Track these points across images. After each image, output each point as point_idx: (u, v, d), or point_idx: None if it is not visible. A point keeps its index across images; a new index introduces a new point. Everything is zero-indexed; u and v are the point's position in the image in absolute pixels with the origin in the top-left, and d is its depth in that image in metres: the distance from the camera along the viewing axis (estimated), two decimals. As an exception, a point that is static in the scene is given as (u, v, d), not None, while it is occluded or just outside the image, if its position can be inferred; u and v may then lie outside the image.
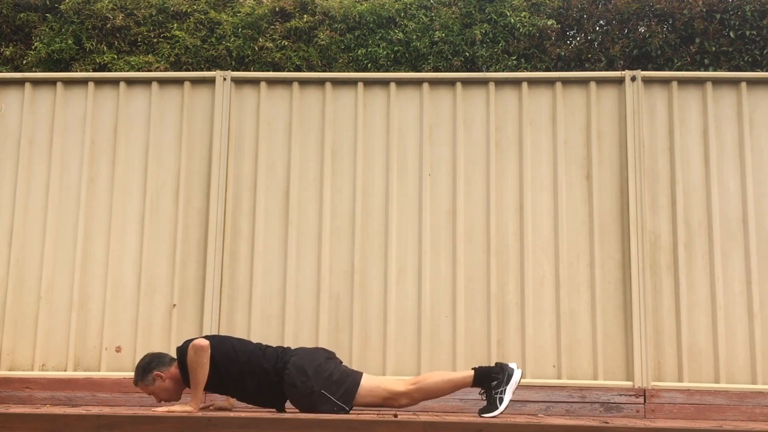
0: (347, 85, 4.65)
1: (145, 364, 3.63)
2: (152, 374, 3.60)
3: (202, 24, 6.75)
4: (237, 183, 4.54)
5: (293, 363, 3.53)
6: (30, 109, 4.66)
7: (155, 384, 3.60)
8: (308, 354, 3.62)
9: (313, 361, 3.56)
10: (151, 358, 3.67)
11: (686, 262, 4.36)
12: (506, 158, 4.54)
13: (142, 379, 3.61)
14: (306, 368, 3.51)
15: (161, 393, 3.63)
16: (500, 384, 3.57)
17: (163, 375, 3.60)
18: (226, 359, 3.52)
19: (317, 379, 3.49)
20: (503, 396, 3.54)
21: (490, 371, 3.60)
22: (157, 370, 3.60)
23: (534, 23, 6.51)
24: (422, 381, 3.61)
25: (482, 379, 3.59)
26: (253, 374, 3.53)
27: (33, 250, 4.51)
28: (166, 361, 3.65)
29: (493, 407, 3.52)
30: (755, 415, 4.13)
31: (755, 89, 4.53)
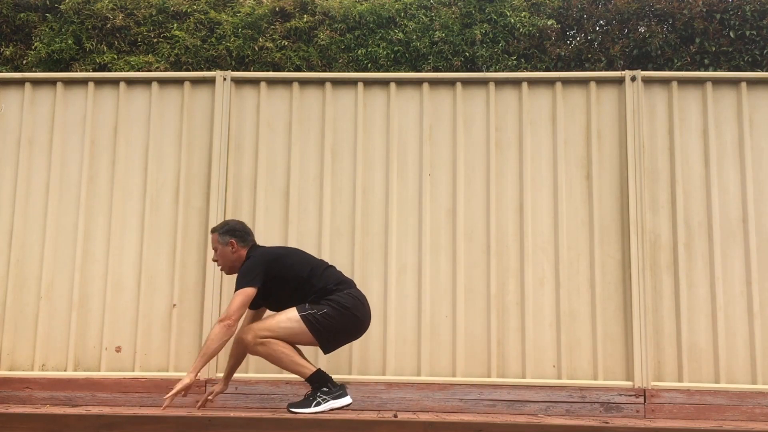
0: (347, 85, 4.65)
1: (232, 227, 3.88)
2: (230, 238, 3.83)
3: (202, 24, 6.75)
4: (237, 183, 4.54)
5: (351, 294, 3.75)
6: (30, 109, 4.66)
7: (226, 247, 3.84)
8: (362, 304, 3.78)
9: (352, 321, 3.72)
10: (242, 227, 3.90)
11: (686, 262, 4.36)
12: (506, 158, 4.54)
13: (221, 234, 3.86)
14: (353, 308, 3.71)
15: (222, 257, 3.87)
16: (329, 393, 3.62)
17: (236, 247, 3.83)
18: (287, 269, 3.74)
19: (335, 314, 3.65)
20: (322, 404, 3.58)
21: (329, 380, 3.66)
22: (235, 240, 3.82)
23: (534, 23, 6.51)
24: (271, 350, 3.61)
25: (318, 380, 3.63)
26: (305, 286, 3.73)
27: (33, 250, 4.51)
28: (247, 240, 3.88)
29: (306, 405, 3.57)
30: (755, 415, 4.13)
31: (755, 89, 4.53)
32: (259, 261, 3.74)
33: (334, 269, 3.89)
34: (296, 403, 3.63)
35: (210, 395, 3.91)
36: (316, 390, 3.63)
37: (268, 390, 4.23)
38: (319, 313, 3.64)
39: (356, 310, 3.73)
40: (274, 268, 3.72)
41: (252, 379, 4.29)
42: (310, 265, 3.80)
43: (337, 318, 3.66)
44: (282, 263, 3.75)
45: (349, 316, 3.70)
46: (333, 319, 3.65)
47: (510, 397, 4.23)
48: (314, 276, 3.75)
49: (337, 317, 3.66)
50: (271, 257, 3.78)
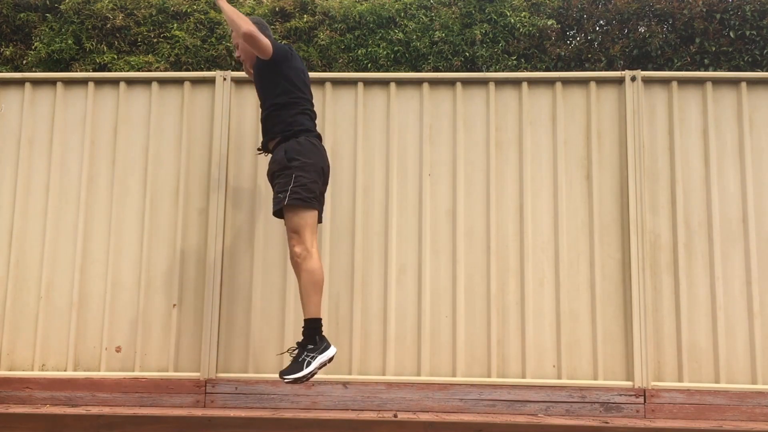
0: (347, 85, 4.65)
1: (260, 19, 4.08)
2: (254, 28, 3.86)
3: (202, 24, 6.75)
4: (237, 183, 4.54)
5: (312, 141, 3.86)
6: (30, 109, 4.66)
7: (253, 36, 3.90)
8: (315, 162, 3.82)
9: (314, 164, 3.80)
10: (259, 21, 4.05)
11: (686, 262, 4.36)
12: (506, 158, 4.54)
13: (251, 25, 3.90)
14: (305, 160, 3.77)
15: (243, 51, 4.05)
16: (315, 350, 3.61)
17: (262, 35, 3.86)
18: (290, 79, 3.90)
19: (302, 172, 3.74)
20: (312, 362, 3.58)
21: (319, 333, 3.66)
22: (257, 29, 3.85)
23: (534, 23, 6.51)
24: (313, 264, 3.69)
25: (312, 327, 3.64)
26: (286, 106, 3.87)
27: (33, 250, 4.51)
28: (266, 33, 3.96)
29: (298, 369, 3.56)
30: (755, 415, 4.13)
31: (755, 89, 4.53)
32: (289, 46, 3.95)
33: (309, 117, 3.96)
34: (287, 369, 3.60)
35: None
36: (302, 348, 3.62)
37: (268, 390, 4.23)
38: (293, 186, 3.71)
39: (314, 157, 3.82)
40: (292, 63, 3.91)
41: (252, 379, 4.29)
42: (305, 94, 3.96)
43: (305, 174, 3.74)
44: (299, 66, 3.97)
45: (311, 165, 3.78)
46: (303, 177, 3.73)
47: (510, 397, 4.23)
48: (294, 108, 3.88)
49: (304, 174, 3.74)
50: (297, 56, 4.00)
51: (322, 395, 4.24)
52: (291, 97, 3.90)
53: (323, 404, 4.22)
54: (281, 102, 3.89)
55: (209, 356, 4.31)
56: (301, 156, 3.78)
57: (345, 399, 4.22)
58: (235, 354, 4.36)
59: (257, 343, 4.35)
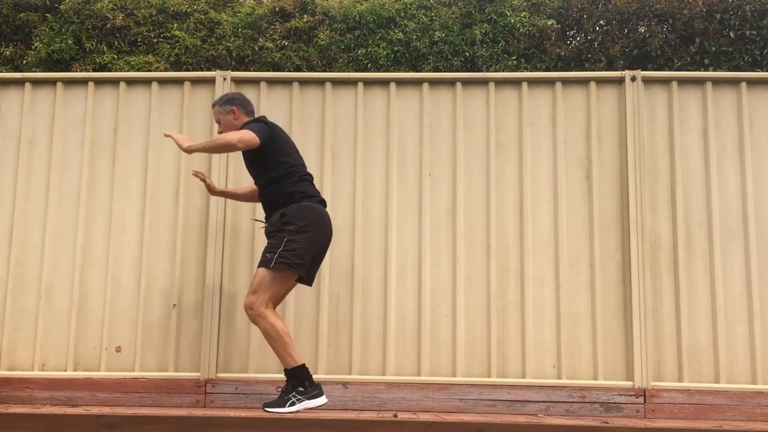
0: (347, 85, 4.65)
1: (231, 96, 4.03)
2: (231, 107, 3.97)
3: (202, 24, 6.74)
4: (237, 183, 4.54)
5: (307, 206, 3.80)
6: (30, 109, 4.66)
7: (227, 115, 3.97)
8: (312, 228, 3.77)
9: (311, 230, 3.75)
10: (240, 96, 4.05)
11: (686, 262, 4.36)
12: (506, 158, 4.54)
13: (222, 104, 3.99)
14: (302, 225, 3.73)
15: (225, 127, 3.97)
16: (303, 394, 3.61)
17: (237, 114, 3.97)
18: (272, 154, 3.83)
19: (295, 236, 3.69)
20: (297, 404, 3.58)
21: (307, 378, 3.64)
22: (235, 107, 3.96)
23: (534, 23, 6.51)
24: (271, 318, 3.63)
25: (296, 376, 3.62)
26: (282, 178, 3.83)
27: (33, 250, 4.51)
28: (248, 108, 4.02)
29: (281, 405, 3.56)
30: (755, 415, 4.14)
31: (755, 89, 4.53)
32: (265, 121, 3.88)
33: (308, 182, 3.93)
34: (271, 402, 3.63)
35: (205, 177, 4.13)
36: (291, 389, 3.61)
37: (268, 390, 4.23)
38: (283, 249, 3.66)
39: (312, 225, 3.76)
40: (276, 134, 3.85)
41: (252, 379, 4.29)
42: (298, 161, 3.92)
43: (298, 240, 3.69)
44: (283, 136, 3.91)
45: (306, 233, 3.72)
46: (295, 242, 3.68)
47: (510, 397, 4.23)
48: (289, 178, 3.82)
49: (297, 239, 3.69)
50: (276, 125, 3.93)
51: (322, 395, 4.23)
52: (285, 168, 3.84)
53: (323, 404, 4.21)
54: (276, 176, 3.83)
55: (209, 356, 4.31)
56: (297, 220, 3.72)
57: (345, 399, 4.22)
58: (235, 354, 4.37)
59: (257, 343, 4.35)
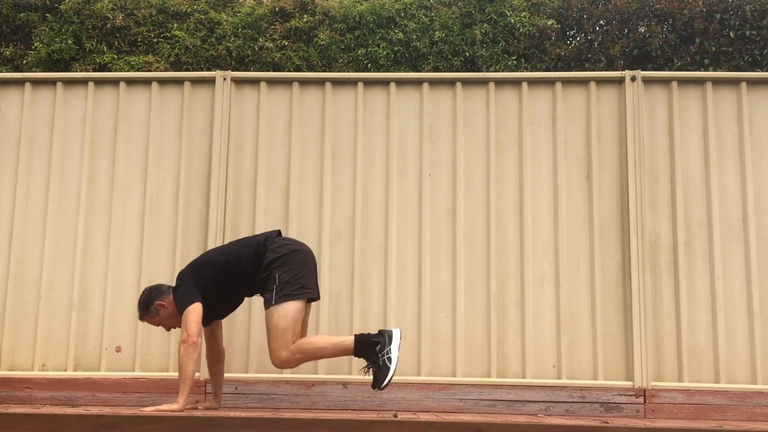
0: (347, 85, 4.65)
1: (145, 298, 3.73)
2: (154, 305, 3.70)
3: (202, 24, 6.75)
4: (237, 183, 4.54)
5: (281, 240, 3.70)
6: (30, 109, 4.66)
7: (160, 314, 3.72)
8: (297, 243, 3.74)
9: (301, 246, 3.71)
10: (149, 291, 3.77)
11: (686, 262, 4.36)
12: (506, 158, 4.54)
13: (146, 313, 3.71)
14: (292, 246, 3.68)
15: (167, 321, 3.74)
16: (384, 346, 3.56)
17: (164, 303, 3.70)
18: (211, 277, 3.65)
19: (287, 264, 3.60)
20: (390, 356, 3.53)
21: (370, 336, 3.60)
22: (158, 300, 3.70)
23: (534, 23, 6.51)
24: (305, 347, 3.57)
25: (365, 345, 3.58)
26: (237, 268, 3.65)
27: (33, 250, 4.51)
28: (164, 290, 3.74)
29: (385, 369, 3.51)
30: (755, 415, 4.13)
31: (755, 89, 4.53)
32: (184, 281, 3.67)
33: (249, 237, 3.84)
34: (374, 381, 3.55)
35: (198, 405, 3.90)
36: (372, 355, 3.56)
37: (268, 390, 4.23)
38: (278, 285, 3.57)
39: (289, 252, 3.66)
40: (199, 274, 3.65)
41: (252, 379, 4.29)
42: (226, 251, 3.76)
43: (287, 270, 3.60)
44: (204, 265, 3.70)
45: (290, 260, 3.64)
46: (286, 273, 3.59)
47: (510, 397, 4.22)
48: (239, 253, 3.69)
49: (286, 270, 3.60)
50: (192, 269, 3.72)
51: (321, 395, 4.24)
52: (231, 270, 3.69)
53: (323, 404, 4.22)
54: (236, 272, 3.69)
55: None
56: (275, 255, 3.63)
57: (345, 399, 4.22)
58: (235, 354, 4.36)
59: (257, 343, 4.35)
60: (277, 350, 3.55)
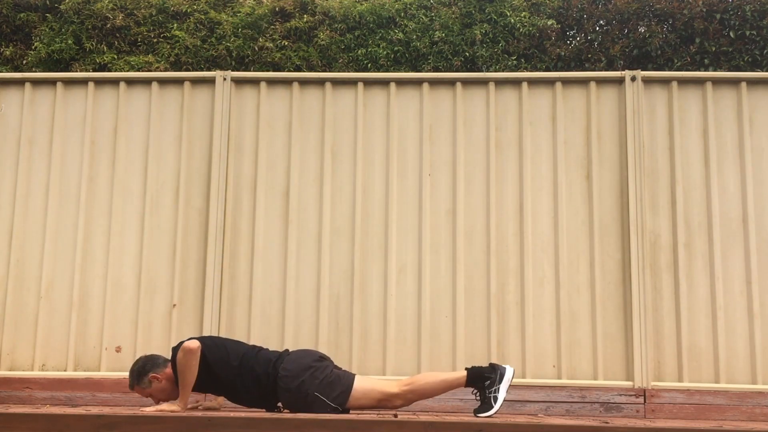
0: (347, 85, 4.65)
1: (139, 368, 3.60)
2: (147, 377, 3.58)
3: (202, 24, 6.75)
4: (237, 183, 4.54)
5: (285, 368, 3.49)
6: (30, 109, 4.66)
7: (152, 386, 3.58)
8: (300, 357, 3.58)
9: (305, 364, 3.52)
10: (144, 361, 3.63)
11: (686, 262, 4.36)
12: (506, 158, 4.54)
13: (138, 383, 3.60)
14: (299, 372, 3.49)
15: (159, 394, 3.61)
16: (493, 383, 3.56)
17: (159, 376, 3.58)
18: (219, 362, 3.51)
19: (311, 382, 3.47)
20: (497, 395, 3.53)
21: (482, 371, 3.59)
22: (152, 372, 3.58)
23: (534, 23, 6.51)
24: (416, 382, 3.60)
25: (475, 380, 3.59)
26: (244, 378, 3.51)
27: (33, 249, 4.51)
28: (159, 362, 3.62)
29: (488, 406, 3.52)
30: (755, 415, 4.13)
31: (755, 89, 4.53)
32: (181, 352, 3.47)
33: (266, 351, 3.64)
34: (479, 407, 3.54)
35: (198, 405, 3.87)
36: (483, 389, 3.56)
37: (268, 390, 4.23)
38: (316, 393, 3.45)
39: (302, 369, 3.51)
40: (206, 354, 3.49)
41: (252, 379, 4.28)
42: (241, 350, 3.59)
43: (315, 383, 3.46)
44: (214, 345, 3.55)
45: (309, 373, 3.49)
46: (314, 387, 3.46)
47: (510, 397, 4.19)
48: (249, 359, 3.52)
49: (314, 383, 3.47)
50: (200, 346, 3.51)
51: (322, 395, 4.23)
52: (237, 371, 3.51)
53: (323, 404, 4.21)
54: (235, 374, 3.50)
55: (209, 356, 4.30)
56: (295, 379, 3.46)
57: (345, 399, 4.22)
58: (235, 354, 4.36)
59: (257, 343, 4.34)
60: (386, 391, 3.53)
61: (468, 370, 3.61)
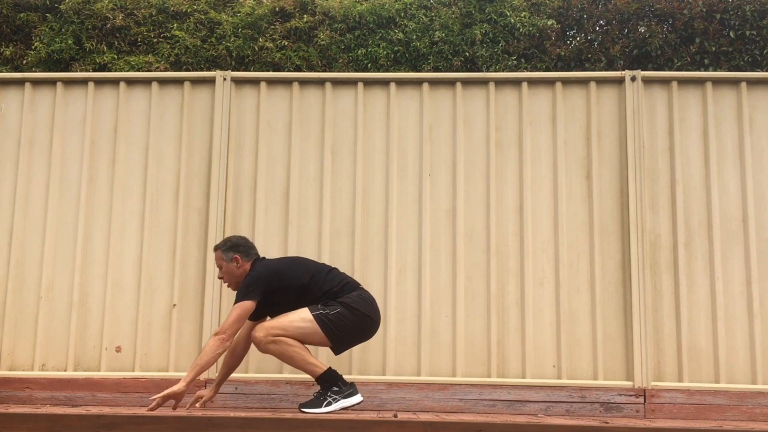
0: (347, 85, 4.65)
1: (234, 243, 3.88)
2: (235, 254, 3.85)
3: (202, 24, 6.75)
4: (237, 183, 4.54)
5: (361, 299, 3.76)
6: (30, 109, 4.66)
7: (230, 263, 3.85)
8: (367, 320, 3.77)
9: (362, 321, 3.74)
10: (244, 242, 3.91)
11: (686, 262, 4.36)
12: (506, 158, 4.54)
13: (225, 251, 3.86)
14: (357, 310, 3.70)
15: (227, 274, 3.87)
16: (339, 393, 3.63)
17: (240, 262, 3.84)
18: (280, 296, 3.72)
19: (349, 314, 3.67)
20: (333, 404, 3.60)
21: (339, 378, 3.68)
22: (239, 255, 3.84)
23: (534, 23, 6.51)
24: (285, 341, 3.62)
25: (328, 379, 3.65)
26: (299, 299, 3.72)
27: (33, 250, 4.51)
28: (251, 254, 3.89)
29: (317, 406, 3.58)
30: (755, 415, 4.13)
31: (755, 89, 4.53)
32: (261, 275, 3.74)
33: (337, 271, 3.90)
34: (307, 402, 3.64)
35: (198, 401, 3.90)
36: (326, 389, 3.62)
37: (267, 390, 4.23)
38: (332, 313, 3.66)
39: (367, 311, 3.76)
40: (275, 281, 3.73)
41: (252, 379, 4.29)
42: (311, 271, 3.80)
43: (349, 318, 3.68)
44: (283, 275, 3.76)
45: (361, 316, 3.73)
46: (346, 318, 3.68)
47: (510, 397, 4.23)
48: (316, 281, 3.76)
49: (349, 317, 3.68)
50: (273, 271, 3.77)
51: (322, 395, 4.23)
52: (302, 291, 3.75)
53: (323, 404, 4.21)
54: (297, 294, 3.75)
55: (209, 356, 4.30)
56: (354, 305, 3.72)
57: (345, 399, 4.22)
58: (235, 354, 4.36)
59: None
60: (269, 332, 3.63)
61: (329, 369, 3.67)
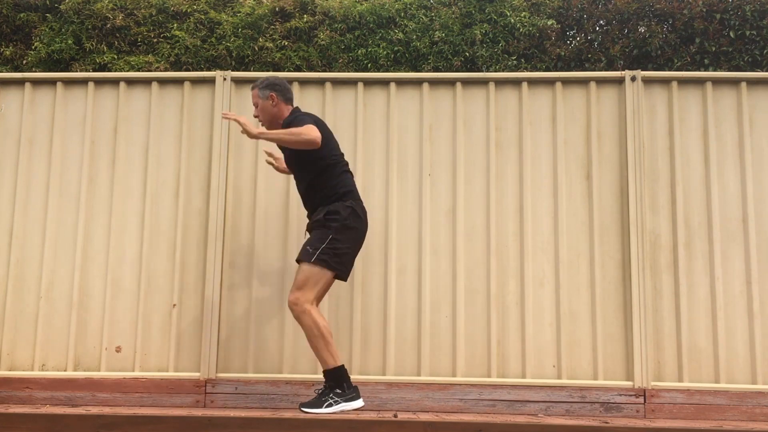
0: (347, 85, 4.65)
1: (272, 81, 3.93)
2: (271, 92, 3.89)
3: (202, 24, 6.75)
4: (237, 183, 4.54)
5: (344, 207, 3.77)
6: (30, 109, 4.66)
7: (266, 101, 3.90)
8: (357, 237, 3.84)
9: (353, 238, 3.80)
10: (281, 83, 3.94)
11: (686, 262, 4.36)
12: (506, 158, 4.54)
13: (261, 88, 3.91)
14: (346, 224, 3.75)
15: (263, 112, 3.93)
16: (342, 396, 3.63)
17: (275, 100, 3.89)
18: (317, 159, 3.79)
19: (340, 235, 3.72)
20: (334, 406, 3.60)
21: (346, 381, 3.66)
22: (275, 93, 3.89)
23: (534, 23, 6.51)
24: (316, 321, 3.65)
25: (334, 378, 3.64)
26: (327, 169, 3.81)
27: (33, 250, 4.51)
28: (288, 97, 3.94)
29: (318, 407, 3.57)
30: (755, 415, 4.14)
31: (755, 89, 4.53)
32: (314, 117, 3.85)
33: (349, 174, 3.96)
34: (308, 402, 3.64)
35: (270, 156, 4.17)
36: (329, 390, 3.61)
37: (268, 390, 4.23)
38: (326, 247, 3.70)
39: (356, 223, 3.82)
40: (326, 131, 3.80)
41: (252, 379, 4.29)
42: (339, 155, 3.90)
43: (342, 239, 3.74)
44: (330, 135, 3.85)
45: (350, 231, 3.78)
46: (339, 242, 3.73)
47: (510, 397, 4.23)
48: (336, 169, 3.84)
49: (341, 239, 3.73)
50: (319, 119, 3.86)
51: (322, 395, 4.23)
52: (330, 160, 3.85)
53: (323, 404, 4.21)
54: (321, 170, 3.84)
55: (209, 356, 4.31)
56: (343, 220, 3.76)
57: (345, 399, 4.22)
58: (235, 354, 4.37)
59: (257, 343, 4.35)
60: (297, 294, 3.69)
61: (341, 366, 3.67)
